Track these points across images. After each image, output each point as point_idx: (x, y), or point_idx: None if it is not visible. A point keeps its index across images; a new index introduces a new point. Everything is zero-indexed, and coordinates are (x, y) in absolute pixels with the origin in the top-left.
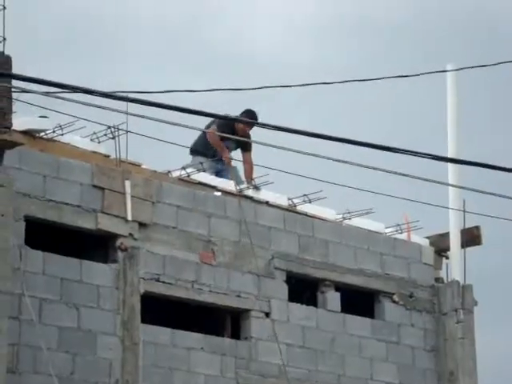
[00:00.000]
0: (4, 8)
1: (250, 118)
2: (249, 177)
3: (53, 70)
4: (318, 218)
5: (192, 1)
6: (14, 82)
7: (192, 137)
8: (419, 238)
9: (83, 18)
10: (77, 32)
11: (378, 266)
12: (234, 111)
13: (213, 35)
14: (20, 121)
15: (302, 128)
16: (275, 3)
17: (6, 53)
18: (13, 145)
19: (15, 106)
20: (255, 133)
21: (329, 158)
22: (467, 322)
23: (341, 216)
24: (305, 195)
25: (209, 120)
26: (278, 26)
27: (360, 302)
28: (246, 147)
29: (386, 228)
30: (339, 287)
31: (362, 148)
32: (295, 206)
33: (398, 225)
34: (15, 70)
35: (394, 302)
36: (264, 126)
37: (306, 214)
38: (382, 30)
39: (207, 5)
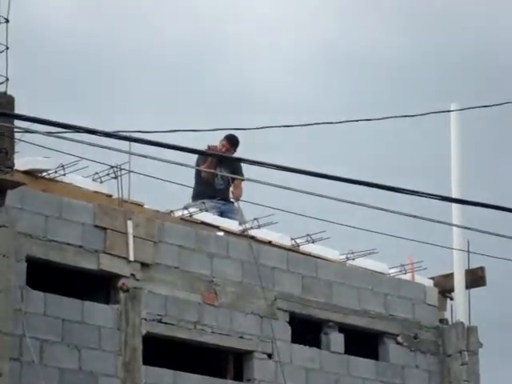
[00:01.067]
0: (7, 48)
1: (231, 141)
2: (237, 198)
3: (55, 110)
4: (322, 259)
5: (191, 38)
6: (17, 122)
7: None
8: (423, 279)
9: (83, 59)
10: (77, 71)
11: (382, 306)
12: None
13: (213, 74)
14: (22, 160)
15: (305, 168)
16: (276, 39)
17: (9, 93)
18: (15, 185)
19: (18, 146)
20: (259, 172)
21: (332, 198)
22: (472, 364)
23: (344, 256)
24: (308, 235)
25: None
26: (278, 64)
27: (364, 343)
28: (236, 173)
29: (390, 268)
30: (343, 328)
31: (365, 188)
32: (298, 246)
33: (402, 265)
34: (17, 110)
35: (399, 343)
36: (268, 165)
37: (309, 255)
38: (379, 69)
39: (208, 42)
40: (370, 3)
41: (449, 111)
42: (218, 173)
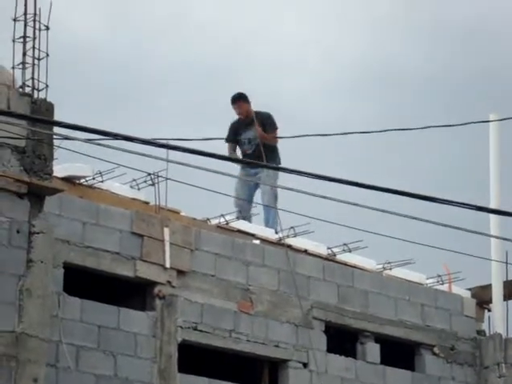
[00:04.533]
0: (47, 55)
1: (237, 100)
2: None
3: (94, 117)
4: (358, 268)
5: (220, 50)
6: (56, 129)
7: (232, 184)
8: (461, 290)
9: (115, 69)
10: (111, 81)
11: (419, 317)
12: None
13: (244, 85)
14: (61, 167)
15: (342, 177)
16: (304, 57)
17: (49, 100)
18: (53, 191)
19: (56, 153)
20: (296, 181)
21: (369, 208)
22: (510, 376)
23: (381, 266)
24: (344, 244)
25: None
26: (306, 81)
27: (400, 353)
28: (266, 130)
29: (427, 279)
30: (379, 338)
31: (402, 198)
32: (335, 255)
33: (439, 276)
34: (56, 117)
35: (435, 354)
36: (305, 174)
37: (345, 264)
38: (407, 84)
39: (237, 58)
40: (395, 19)
41: (488, 121)
42: (235, 158)
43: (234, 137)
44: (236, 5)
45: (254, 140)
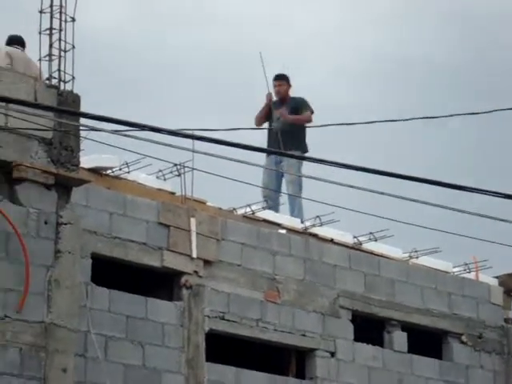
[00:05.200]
0: (73, 47)
1: (281, 78)
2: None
3: (119, 109)
4: (385, 257)
5: (241, 40)
6: (83, 120)
7: (257, 174)
8: (488, 278)
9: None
10: (135, 72)
11: (446, 305)
12: None
13: (261, 80)
14: (87, 158)
15: (366, 166)
16: (324, 47)
17: (75, 91)
18: (80, 182)
19: (83, 144)
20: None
21: (395, 196)
22: None
23: (407, 255)
24: (370, 233)
25: None
26: (327, 71)
27: (427, 342)
28: (299, 111)
29: (454, 267)
30: (406, 327)
31: (428, 186)
32: (361, 244)
33: (466, 264)
34: (83, 109)
35: (463, 342)
36: (330, 163)
37: (371, 253)
38: (431, 72)
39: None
40: (416, 8)
41: None
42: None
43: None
44: None
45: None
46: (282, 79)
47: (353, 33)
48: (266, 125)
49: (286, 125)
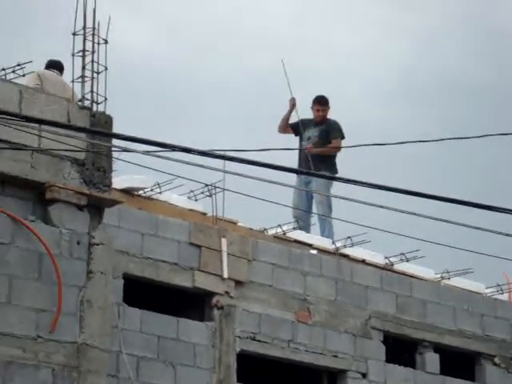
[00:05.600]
0: (106, 69)
1: (321, 101)
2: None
3: (151, 129)
4: (416, 278)
5: (268, 60)
6: (115, 141)
7: (288, 194)
8: None
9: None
10: (166, 95)
11: (478, 327)
12: None
13: (295, 93)
14: (119, 179)
15: (397, 186)
16: (355, 66)
17: (107, 112)
18: (112, 203)
19: (115, 165)
20: (353, 191)
21: (426, 217)
22: None
23: (439, 275)
24: (402, 254)
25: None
26: (358, 90)
27: (460, 364)
28: (330, 135)
29: (487, 288)
30: (438, 348)
31: (460, 207)
32: (392, 264)
33: (499, 285)
34: (115, 130)
35: (495, 364)
36: (362, 184)
37: (403, 273)
38: (459, 92)
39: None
40: (443, 29)
41: None
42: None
43: (297, 128)
44: (282, 15)
45: (313, 138)
46: (325, 104)
47: (385, 51)
48: (294, 137)
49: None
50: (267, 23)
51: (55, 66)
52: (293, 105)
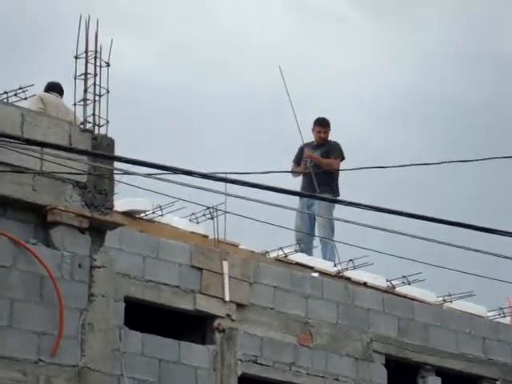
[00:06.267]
0: (107, 91)
1: (323, 123)
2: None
3: (152, 152)
4: (418, 301)
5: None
6: (116, 164)
7: (290, 217)
8: None
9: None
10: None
11: (481, 350)
12: None
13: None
14: (121, 202)
15: (401, 208)
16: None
17: (109, 135)
18: (114, 226)
19: (117, 188)
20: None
21: (428, 240)
22: None
23: (441, 299)
24: (404, 277)
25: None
26: (357, 112)
27: None
28: (331, 155)
29: (489, 311)
30: (440, 372)
31: (462, 230)
32: (394, 287)
33: (501, 308)
34: (117, 152)
35: None
36: (365, 207)
37: (405, 296)
38: (459, 114)
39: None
40: (445, 49)
41: None
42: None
43: (300, 156)
44: (284, 36)
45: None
46: (326, 126)
47: (381, 71)
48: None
49: (316, 168)
50: (268, 42)
51: (55, 88)
52: (304, 168)
